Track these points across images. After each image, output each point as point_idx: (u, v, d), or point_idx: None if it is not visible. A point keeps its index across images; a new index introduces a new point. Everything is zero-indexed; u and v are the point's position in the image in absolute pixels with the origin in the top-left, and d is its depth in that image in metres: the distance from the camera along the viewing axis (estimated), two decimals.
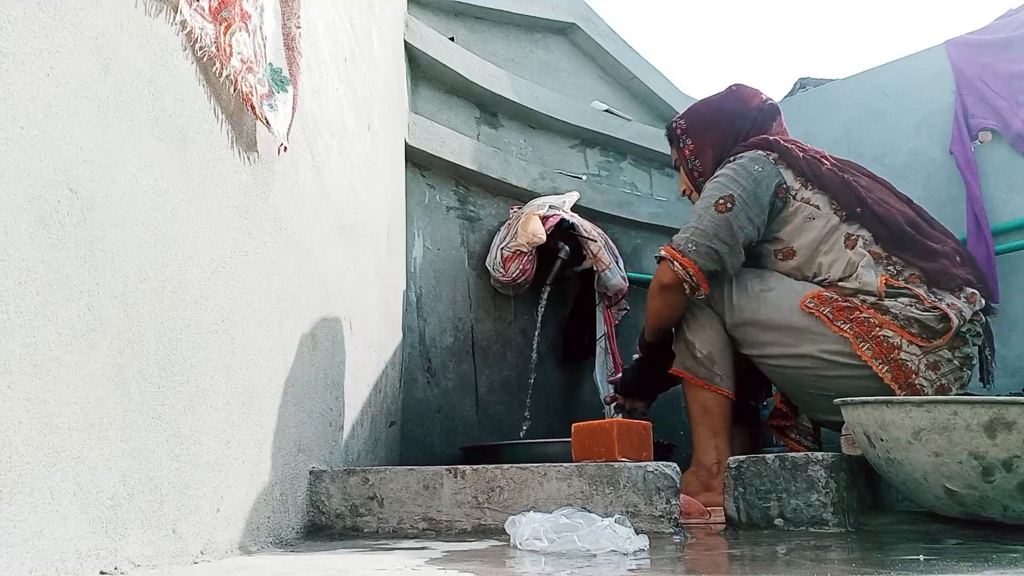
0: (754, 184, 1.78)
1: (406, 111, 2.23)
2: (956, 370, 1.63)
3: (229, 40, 1.05)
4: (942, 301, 1.63)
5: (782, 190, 1.80)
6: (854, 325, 1.65)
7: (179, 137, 0.98)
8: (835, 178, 1.77)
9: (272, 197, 1.24)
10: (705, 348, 1.83)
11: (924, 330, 1.61)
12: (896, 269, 1.69)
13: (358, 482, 1.36)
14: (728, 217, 1.77)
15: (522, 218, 2.33)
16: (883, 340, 1.62)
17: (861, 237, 1.73)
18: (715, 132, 1.98)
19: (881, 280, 1.67)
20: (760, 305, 1.77)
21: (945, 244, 1.72)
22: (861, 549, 1.09)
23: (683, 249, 1.78)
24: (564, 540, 1.06)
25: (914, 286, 1.66)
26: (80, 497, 0.77)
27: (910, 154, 2.64)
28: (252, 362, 1.14)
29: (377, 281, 1.85)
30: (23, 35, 0.72)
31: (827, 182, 1.77)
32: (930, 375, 1.61)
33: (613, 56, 2.98)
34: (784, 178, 1.80)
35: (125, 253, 0.86)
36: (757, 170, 1.80)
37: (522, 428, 2.35)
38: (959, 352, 1.63)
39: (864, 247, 1.71)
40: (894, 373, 1.62)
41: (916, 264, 1.68)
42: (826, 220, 1.76)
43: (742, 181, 1.79)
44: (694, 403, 1.84)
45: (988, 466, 1.15)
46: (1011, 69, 2.45)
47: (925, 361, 1.61)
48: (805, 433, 1.87)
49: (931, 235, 1.74)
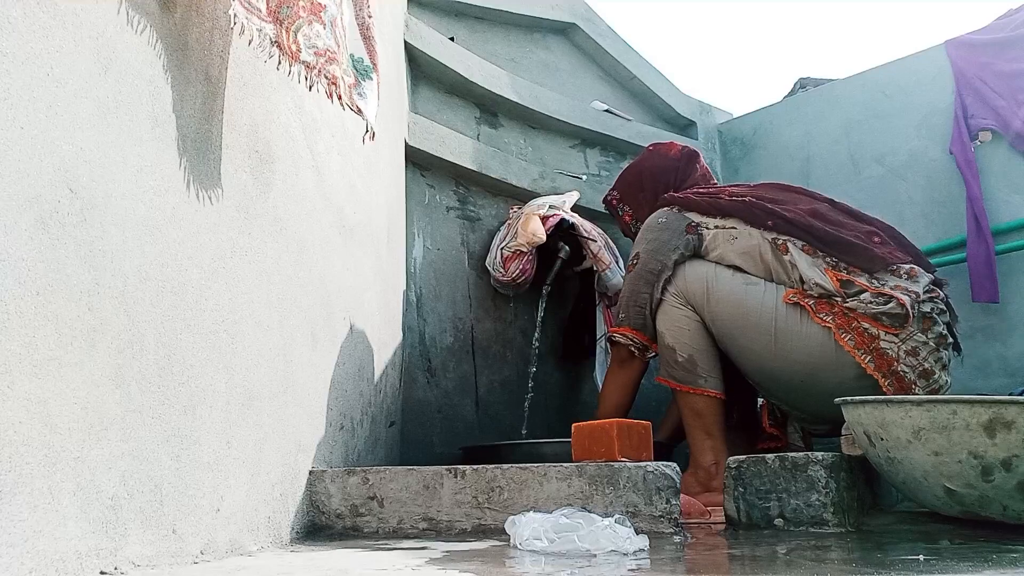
0: (657, 233, 1.91)
1: (406, 111, 2.23)
2: (934, 352, 1.65)
3: (294, 37, 1.05)
4: (885, 285, 1.67)
5: (691, 227, 1.89)
6: (836, 317, 1.68)
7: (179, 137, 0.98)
8: (736, 203, 1.86)
9: (272, 197, 1.24)
10: (685, 352, 1.83)
11: (892, 320, 1.64)
12: (833, 261, 1.73)
13: (358, 482, 1.36)
14: (637, 271, 1.91)
15: (522, 218, 2.33)
16: (863, 331, 1.65)
17: (789, 241, 1.77)
18: (646, 191, 2.13)
19: (830, 276, 1.70)
20: (744, 296, 1.78)
21: (855, 230, 1.77)
22: (861, 549, 1.09)
23: (619, 322, 1.95)
24: (564, 540, 1.06)
25: (856, 276, 1.70)
26: (80, 497, 0.77)
27: (910, 154, 2.64)
28: (252, 362, 1.14)
29: (377, 281, 1.85)
30: (23, 35, 0.72)
31: (730, 209, 1.86)
32: (911, 361, 1.63)
33: (613, 56, 2.98)
34: (691, 218, 1.90)
35: (125, 253, 0.86)
36: (660, 222, 1.93)
37: (522, 428, 2.35)
38: (932, 333, 1.66)
39: (796, 248, 1.76)
40: (877, 362, 1.64)
41: (840, 256, 1.72)
42: (748, 235, 1.82)
43: (646, 235, 1.93)
44: (684, 408, 1.85)
45: (987, 465, 1.15)
46: (1011, 69, 2.45)
47: (904, 348, 1.63)
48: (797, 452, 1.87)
49: (840, 224, 1.78)
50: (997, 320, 2.38)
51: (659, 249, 1.88)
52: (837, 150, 2.81)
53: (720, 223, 1.87)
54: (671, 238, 1.89)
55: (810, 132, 2.88)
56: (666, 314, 1.87)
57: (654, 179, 2.11)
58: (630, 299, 1.92)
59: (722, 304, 1.80)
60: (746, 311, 1.77)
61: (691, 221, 1.89)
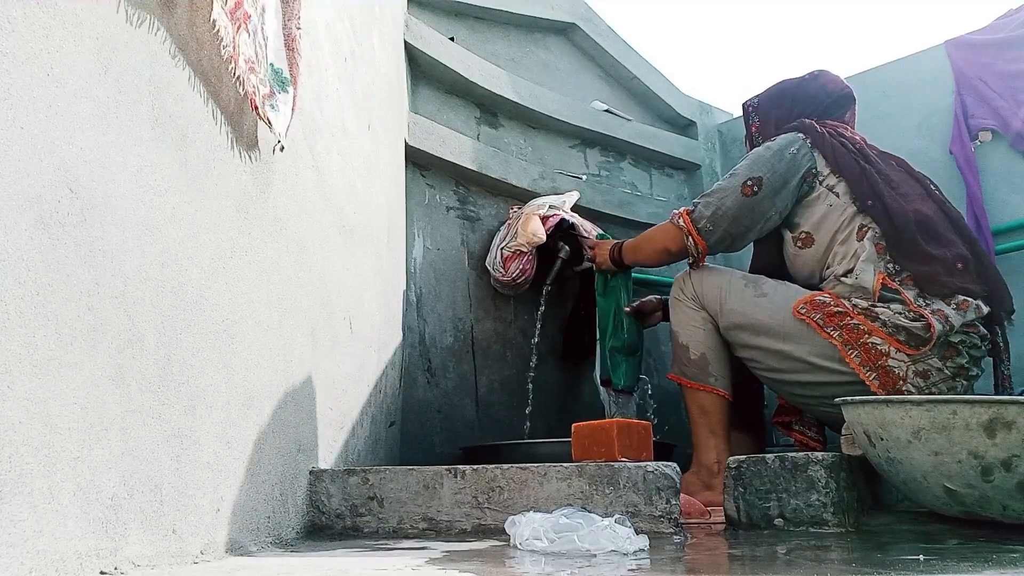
0: (785, 168, 1.80)
1: (406, 111, 2.23)
2: (947, 380, 1.61)
3: (239, 40, 1.06)
4: (928, 307, 1.61)
5: (810, 175, 1.81)
6: (843, 332, 1.65)
7: (179, 137, 0.98)
8: (855, 167, 1.77)
9: (272, 197, 1.24)
10: (698, 350, 1.85)
11: (911, 338, 1.60)
12: (895, 269, 1.68)
13: (358, 482, 1.36)
14: (752, 202, 1.80)
15: (522, 218, 2.33)
16: (871, 347, 1.62)
17: (872, 229, 1.72)
18: (779, 111, 2.01)
19: (878, 279, 1.66)
20: (754, 309, 1.78)
21: (950, 249, 1.69)
22: (861, 549, 1.09)
23: (701, 228, 1.85)
24: (564, 540, 1.06)
25: (906, 289, 1.65)
26: (80, 497, 0.77)
27: (910, 154, 2.62)
28: (252, 362, 1.14)
29: (377, 281, 1.85)
30: (23, 35, 0.72)
31: (846, 170, 1.77)
32: (918, 382, 1.60)
33: (613, 56, 2.98)
34: (816, 163, 1.82)
35: (125, 253, 0.86)
36: (792, 153, 1.81)
37: (522, 428, 2.35)
38: (951, 363, 1.61)
39: (872, 240, 1.71)
40: (881, 380, 1.61)
41: (908, 267, 1.67)
42: (843, 209, 1.77)
43: (775, 164, 1.81)
44: (692, 405, 1.86)
45: (987, 465, 1.15)
46: (1011, 69, 2.45)
47: (914, 369, 1.60)
48: (809, 425, 1.86)
49: (940, 238, 1.71)
50: None
51: (779, 190, 1.79)
52: None
53: (831, 184, 1.79)
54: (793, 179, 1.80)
55: None
56: (682, 314, 1.89)
57: (793, 103, 2.00)
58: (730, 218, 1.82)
59: (734, 314, 1.81)
60: (755, 322, 1.77)
61: (813, 166, 1.81)
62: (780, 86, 2.07)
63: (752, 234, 1.85)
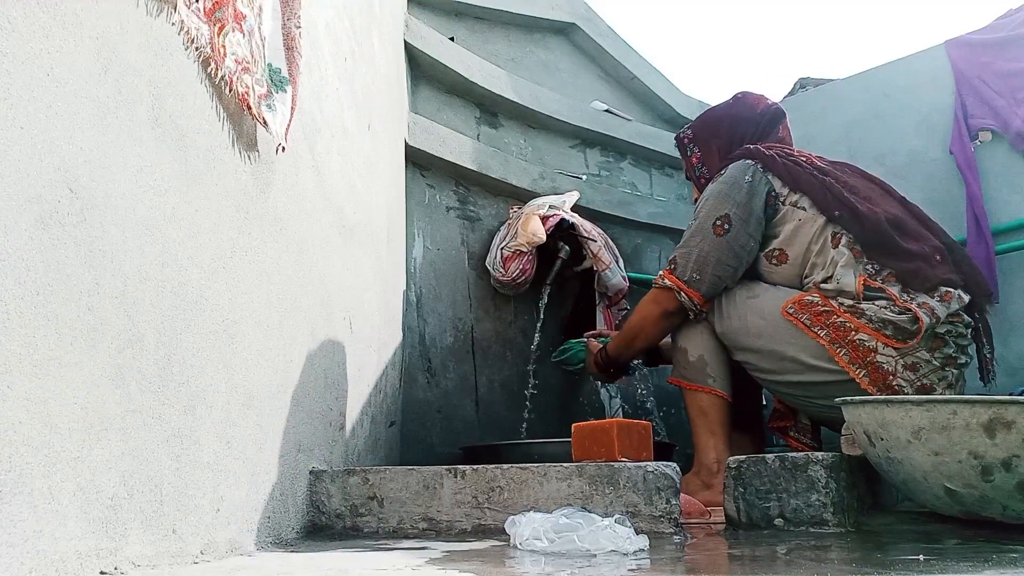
0: (746, 197, 1.80)
1: (406, 111, 2.23)
2: (937, 370, 1.62)
3: (223, 41, 1.06)
4: (913, 301, 1.63)
5: (771, 197, 1.82)
6: (830, 331, 1.65)
7: (179, 137, 0.98)
8: (813, 181, 1.79)
9: (272, 197, 1.24)
10: (696, 352, 1.85)
11: (898, 331, 1.61)
12: (874, 268, 1.69)
13: (358, 482, 1.36)
14: (728, 239, 1.79)
15: (522, 218, 2.33)
16: (859, 344, 1.63)
17: (845, 235, 1.73)
18: (719, 139, 2.02)
19: (859, 281, 1.67)
20: (747, 312, 1.79)
21: (925, 244, 1.72)
22: (861, 549, 1.09)
23: (688, 279, 1.81)
24: (564, 540, 1.06)
25: (889, 285, 1.66)
26: (80, 497, 0.77)
27: (910, 154, 2.64)
28: (252, 362, 1.14)
29: (377, 281, 1.85)
30: (23, 35, 0.72)
31: (805, 186, 1.79)
32: (908, 376, 1.61)
33: (613, 56, 2.98)
34: (773, 185, 1.83)
35: (125, 253, 0.86)
36: (747, 180, 1.82)
37: (522, 428, 2.35)
38: (939, 353, 1.63)
39: (847, 245, 1.72)
40: (871, 376, 1.61)
41: (889, 265, 1.68)
42: (813, 220, 1.77)
43: (735, 196, 1.81)
44: (692, 406, 1.87)
45: (987, 465, 1.15)
46: (1011, 68, 2.45)
47: (903, 363, 1.61)
48: (804, 431, 1.88)
49: (913, 234, 1.73)
50: (997, 320, 2.37)
51: (748, 220, 1.79)
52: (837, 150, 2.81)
53: (794, 200, 1.80)
54: (758, 205, 1.80)
55: (810, 132, 2.87)
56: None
57: (731, 128, 2.01)
58: (711, 264, 1.79)
59: (732, 319, 1.81)
60: (748, 324, 1.78)
61: (772, 189, 1.81)
62: (711, 114, 2.09)
63: (741, 270, 1.82)
